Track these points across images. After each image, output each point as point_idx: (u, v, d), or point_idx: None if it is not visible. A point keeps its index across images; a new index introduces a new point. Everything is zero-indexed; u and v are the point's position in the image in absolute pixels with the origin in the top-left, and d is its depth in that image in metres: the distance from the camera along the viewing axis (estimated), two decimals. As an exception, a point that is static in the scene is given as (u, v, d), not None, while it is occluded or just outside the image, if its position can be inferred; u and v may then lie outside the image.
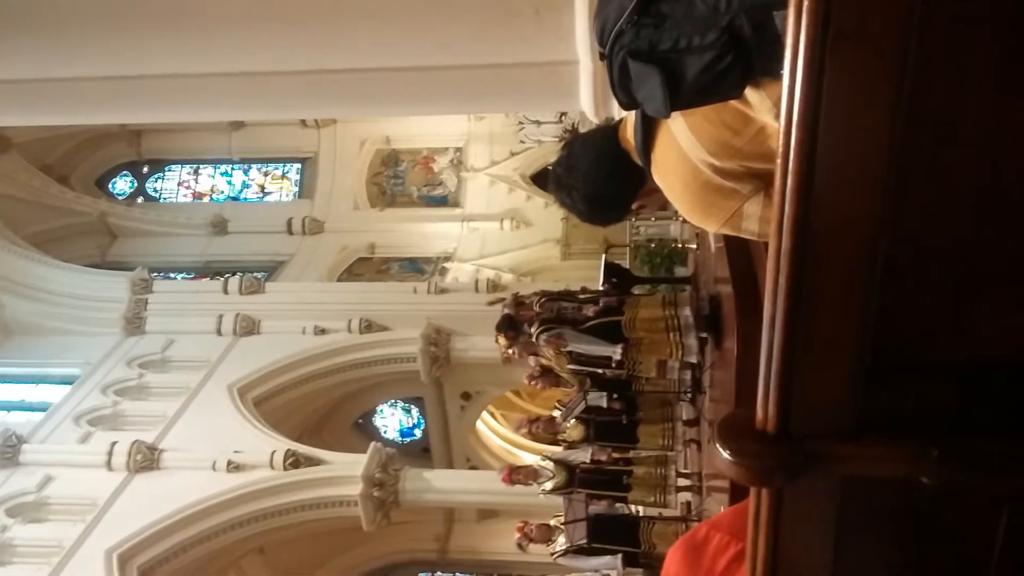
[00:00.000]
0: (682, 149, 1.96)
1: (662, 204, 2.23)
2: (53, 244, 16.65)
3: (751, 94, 1.79)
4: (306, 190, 18.97)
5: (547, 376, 8.91)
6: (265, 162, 19.45)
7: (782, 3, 1.23)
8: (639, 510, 8.96)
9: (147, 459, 11.63)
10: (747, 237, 2.06)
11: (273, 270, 17.44)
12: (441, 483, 12.39)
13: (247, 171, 19.43)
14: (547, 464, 9.08)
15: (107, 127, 17.81)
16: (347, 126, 18.61)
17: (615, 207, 2.27)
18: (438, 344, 13.65)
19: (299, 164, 19.22)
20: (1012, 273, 1.30)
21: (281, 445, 11.77)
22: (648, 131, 2.03)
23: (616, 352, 7.09)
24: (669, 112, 1.83)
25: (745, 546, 1.65)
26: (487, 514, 15.11)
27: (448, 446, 15.76)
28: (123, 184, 19.50)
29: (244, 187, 19.41)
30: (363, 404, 15.95)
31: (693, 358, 7.11)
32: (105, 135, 18.52)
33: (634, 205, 2.26)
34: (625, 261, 11.47)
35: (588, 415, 9.02)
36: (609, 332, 7.15)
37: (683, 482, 8.60)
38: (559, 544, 8.56)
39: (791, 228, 1.25)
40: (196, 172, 19.58)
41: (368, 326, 13.74)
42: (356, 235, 17.93)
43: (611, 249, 11.50)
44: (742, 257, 5.46)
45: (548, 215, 16.69)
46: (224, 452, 11.57)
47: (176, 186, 19.55)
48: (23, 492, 11.45)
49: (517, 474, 9.23)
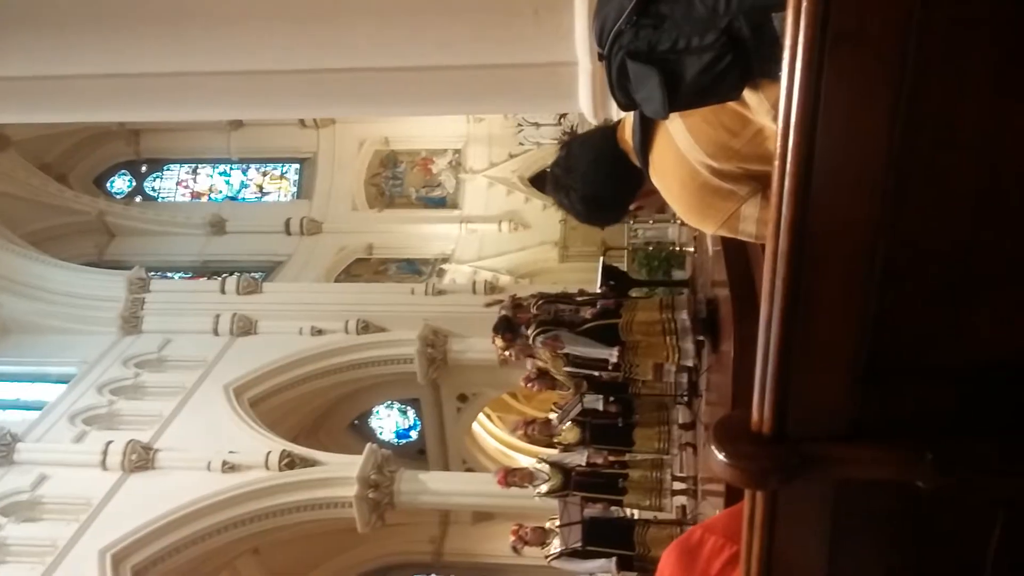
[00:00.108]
0: (680, 150, 1.96)
1: (660, 205, 2.22)
2: (51, 243, 16.62)
3: (749, 96, 1.79)
4: (304, 190, 18.96)
5: (543, 378, 8.90)
6: (264, 162, 19.44)
7: (781, 5, 1.22)
8: (634, 513, 8.95)
9: (142, 459, 11.61)
10: (745, 239, 2.06)
11: (271, 270, 17.42)
12: (436, 485, 12.39)
13: (245, 171, 19.43)
14: (543, 467, 9.07)
15: (106, 126, 17.80)
16: (346, 127, 18.61)
17: (613, 208, 2.26)
18: (435, 346, 13.65)
19: (298, 164, 19.22)
20: (1011, 276, 1.30)
21: (276, 446, 11.75)
22: (646, 132, 2.03)
23: (613, 355, 7.09)
24: (667, 113, 1.83)
25: (740, 549, 1.64)
26: (482, 516, 15.10)
27: (444, 448, 15.75)
28: (121, 183, 19.48)
29: (242, 187, 19.40)
30: (359, 405, 15.94)
31: (690, 362, 7.11)
32: (104, 134, 18.50)
33: (632, 206, 2.25)
34: (623, 264, 11.48)
35: (584, 418, 9.01)
36: (606, 335, 7.15)
37: (679, 486, 8.60)
38: (554, 547, 8.55)
39: (788, 230, 1.25)
40: (194, 171, 19.56)
41: (365, 327, 13.73)
42: (354, 236, 17.92)
43: (609, 252, 11.50)
44: (740, 260, 5.46)
45: (546, 217, 16.69)
46: (219, 452, 11.54)
47: (174, 185, 19.54)
48: (17, 491, 11.41)
49: (512, 476, 9.22)
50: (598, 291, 8.93)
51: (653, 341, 7.03)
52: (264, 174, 19.43)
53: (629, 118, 2.10)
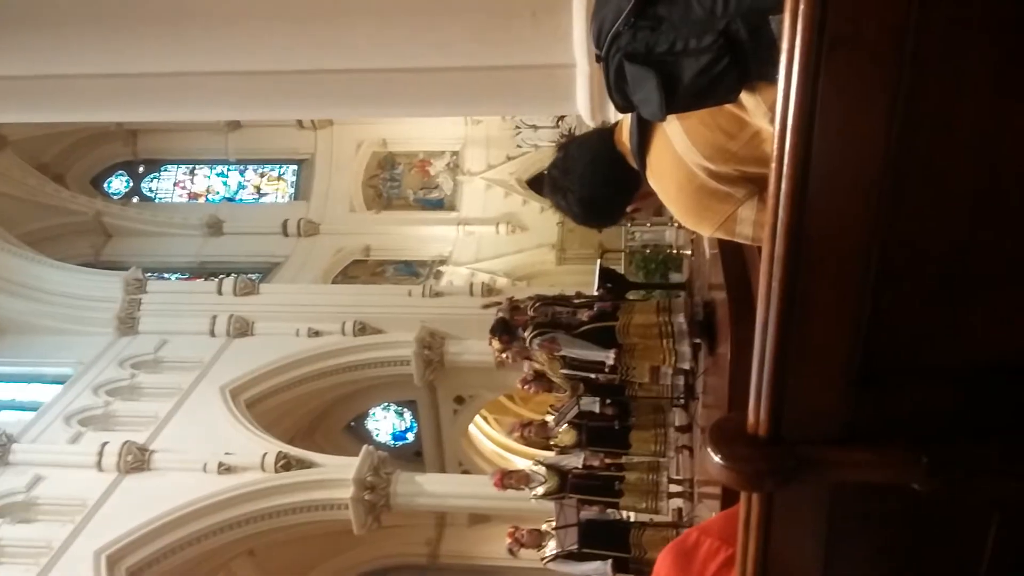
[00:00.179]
0: (677, 152, 1.96)
1: (657, 208, 2.22)
2: (47, 243, 16.60)
3: (747, 98, 1.79)
4: (302, 192, 18.95)
5: (540, 381, 8.90)
6: (261, 163, 19.44)
7: (778, 8, 1.23)
8: (630, 516, 8.95)
9: (138, 460, 11.59)
10: (741, 241, 2.06)
11: (268, 271, 17.41)
12: (433, 487, 12.38)
13: (243, 172, 19.42)
14: (539, 469, 9.07)
15: (103, 126, 17.78)
16: (344, 128, 18.61)
17: (610, 210, 2.27)
18: (432, 347, 13.64)
19: (295, 166, 19.21)
20: (1009, 276, 1.30)
21: (273, 447, 11.74)
22: (644, 134, 2.03)
23: (609, 357, 7.10)
24: (665, 115, 1.83)
25: (735, 551, 1.64)
26: (478, 519, 15.09)
27: (440, 450, 15.74)
28: (119, 184, 19.46)
29: (240, 188, 19.39)
30: (356, 407, 15.92)
31: (686, 365, 7.12)
32: (101, 134, 18.48)
33: (629, 208, 2.25)
34: (620, 266, 11.47)
35: (581, 420, 9.00)
36: (603, 337, 7.15)
37: (675, 488, 8.59)
38: (550, 549, 8.55)
39: (785, 232, 1.25)
40: (192, 172, 19.55)
41: (362, 329, 13.73)
42: (351, 237, 17.92)
43: (606, 254, 11.49)
44: (736, 262, 5.46)
45: (544, 219, 16.70)
46: (215, 454, 11.53)
47: (172, 186, 19.53)
48: (12, 492, 11.39)
49: (509, 479, 9.21)
50: (595, 293, 8.94)
51: (650, 344, 7.03)
52: (262, 175, 19.43)
53: (627, 120, 2.10)
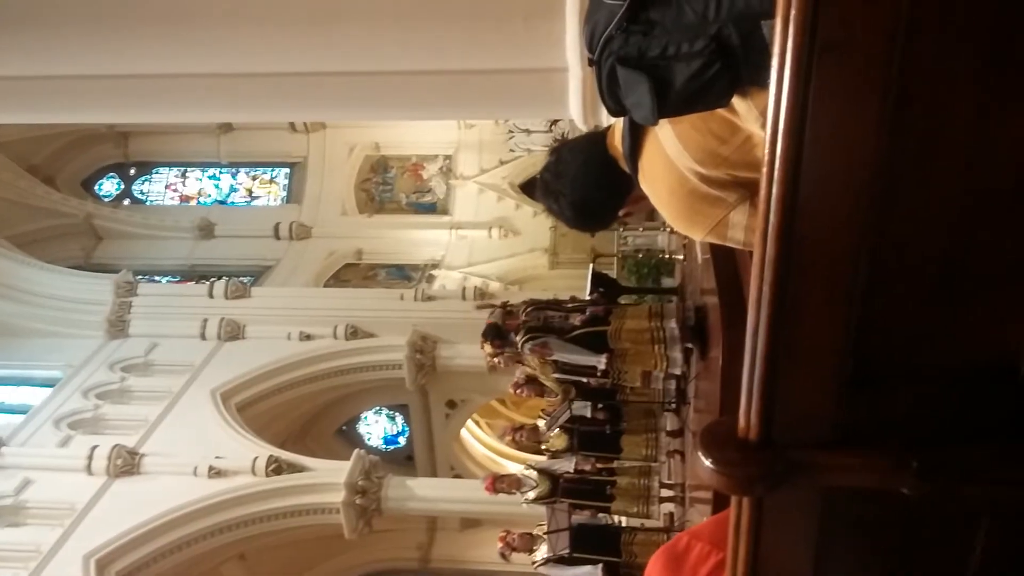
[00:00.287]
0: (669, 157, 1.96)
1: (649, 212, 2.23)
2: (37, 245, 16.51)
3: (738, 103, 1.80)
4: (294, 195, 18.90)
5: (532, 385, 8.91)
6: (253, 166, 19.37)
7: (770, 13, 1.23)
8: (622, 520, 8.95)
9: (127, 463, 11.52)
10: (733, 246, 2.06)
11: (259, 275, 17.36)
12: (424, 491, 12.35)
13: (235, 175, 19.35)
14: (531, 473, 9.06)
15: (95, 128, 17.71)
16: (336, 131, 18.58)
17: (602, 214, 2.27)
18: (424, 351, 13.62)
19: (287, 169, 19.16)
20: (1003, 278, 1.31)
21: (263, 451, 11.69)
22: (636, 138, 2.03)
23: (601, 362, 7.10)
24: (657, 119, 1.83)
25: (726, 555, 1.64)
26: (470, 523, 15.05)
27: (432, 454, 15.71)
28: (110, 186, 19.37)
29: (231, 191, 19.32)
30: (347, 411, 15.88)
31: (677, 370, 7.12)
32: (92, 136, 18.40)
33: (621, 212, 2.26)
34: (613, 271, 11.50)
35: (572, 425, 9.01)
36: (594, 342, 7.15)
37: (666, 493, 8.59)
38: (541, 553, 8.54)
39: (776, 237, 1.25)
40: (183, 175, 19.47)
41: (354, 332, 13.70)
42: (343, 241, 17.88)
43: (599, 259, 11.53)
44: (728, 267, 5.48)
45: (536, 224, 16.71)
46: (206, 457, 11.48)
47: (163, 189, 19.44)
48: (1, 495, 11.29)
49: (500, 483, 9.21)
50: (588, 298, 8.95)
51: (641, 349, 7.04)
52: (254, 178, 19.37)
53: (619, 124, 2.10)
